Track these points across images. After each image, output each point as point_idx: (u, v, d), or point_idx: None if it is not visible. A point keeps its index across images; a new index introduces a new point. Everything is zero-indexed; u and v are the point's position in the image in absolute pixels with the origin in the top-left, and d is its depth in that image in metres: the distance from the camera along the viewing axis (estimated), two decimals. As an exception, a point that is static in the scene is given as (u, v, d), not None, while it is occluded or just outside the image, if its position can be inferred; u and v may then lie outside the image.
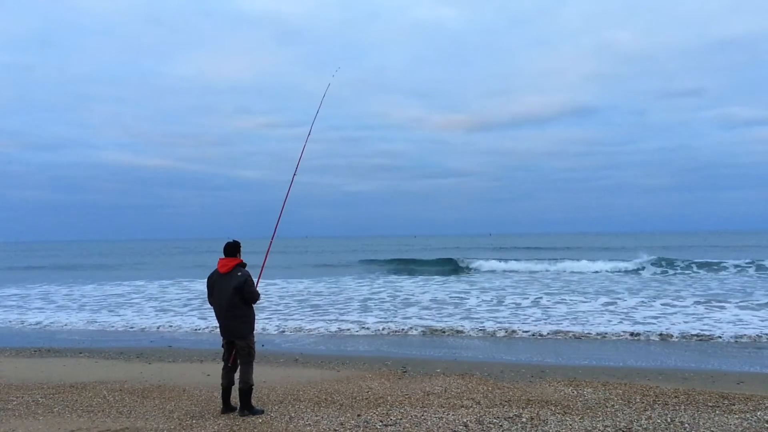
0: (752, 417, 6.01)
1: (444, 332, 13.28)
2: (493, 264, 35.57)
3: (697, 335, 12.15)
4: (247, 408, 6.30)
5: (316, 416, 6.22)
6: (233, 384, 6.43)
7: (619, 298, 18.65)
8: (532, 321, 14.46)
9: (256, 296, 6.20)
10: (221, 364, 6.55)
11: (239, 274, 6.13)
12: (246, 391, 6.28)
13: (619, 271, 31.07)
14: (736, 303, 16.91)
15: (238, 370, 6.35)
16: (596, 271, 31.04)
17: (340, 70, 8.89)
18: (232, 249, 6.31)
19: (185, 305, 18.95)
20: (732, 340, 11.69)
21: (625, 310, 15.99)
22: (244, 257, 6.41)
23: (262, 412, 6.36)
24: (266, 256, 7.19)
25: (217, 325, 6.46)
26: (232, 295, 6.10)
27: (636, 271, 30.92)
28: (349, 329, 13.88)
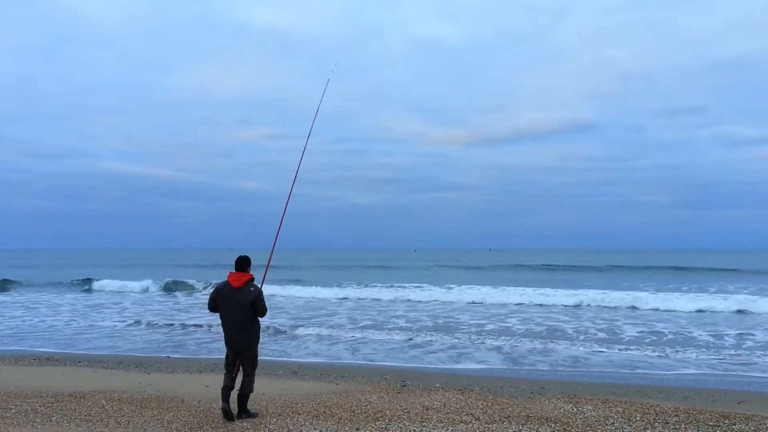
0: (753, 437, 5.99)
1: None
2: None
3: None
4: (244, 411, 6.65)
5: (315, 429, 6.20)
6: (234, 387, 6.63)
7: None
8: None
9: (266, 310, 6.50)
10: (220, 376, 6.70)
11: (252, 289, 6.40)
12: (246, 396, 6.63)
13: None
14: None
15: (241, 376, 6.61)
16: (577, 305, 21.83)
17: (339, 63, 8.66)
18: (244, 263, 6.57)
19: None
20: None
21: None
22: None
23: (257, 415, 6.71)
24: (266, 269, 7.24)
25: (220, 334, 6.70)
26: (247, 310, 6.35)
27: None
28: None
